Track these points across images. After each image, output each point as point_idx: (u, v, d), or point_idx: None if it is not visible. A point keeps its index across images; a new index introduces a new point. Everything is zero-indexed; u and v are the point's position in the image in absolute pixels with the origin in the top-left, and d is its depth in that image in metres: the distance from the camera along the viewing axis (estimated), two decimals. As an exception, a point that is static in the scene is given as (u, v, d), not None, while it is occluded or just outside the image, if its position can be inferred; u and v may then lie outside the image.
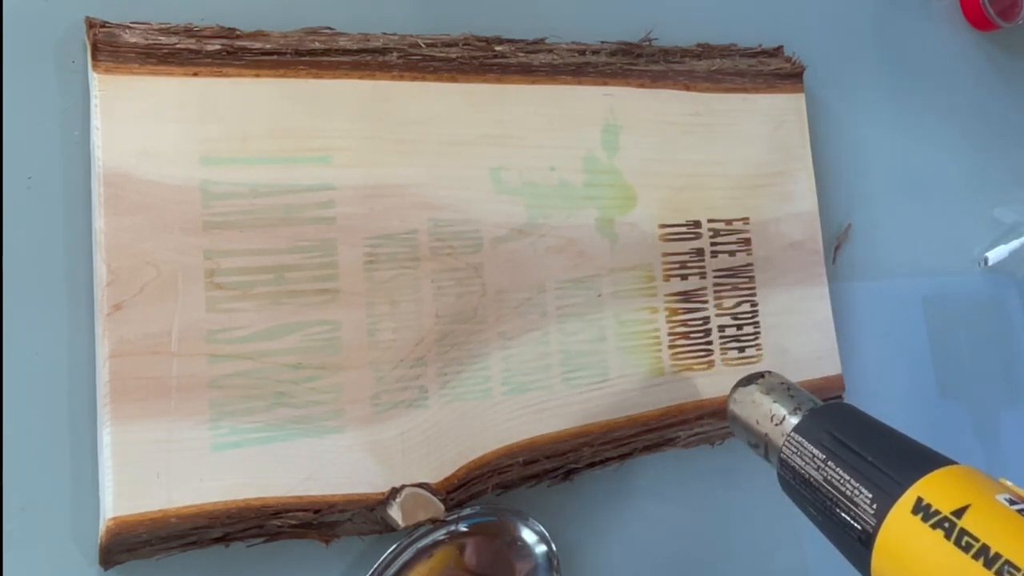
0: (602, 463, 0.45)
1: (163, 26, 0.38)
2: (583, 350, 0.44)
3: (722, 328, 0.49)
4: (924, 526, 0.29)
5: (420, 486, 0.39)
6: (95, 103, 0.36)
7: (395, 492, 0.38)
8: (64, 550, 0.35)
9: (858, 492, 0.31)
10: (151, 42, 0.37)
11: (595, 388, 0.44)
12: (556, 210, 0.45)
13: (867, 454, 0.32)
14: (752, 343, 0.49)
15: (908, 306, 0.59)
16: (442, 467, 0.40)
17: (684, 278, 0.48)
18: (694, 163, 0.49)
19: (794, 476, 0.35)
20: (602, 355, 0.45)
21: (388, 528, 0.39)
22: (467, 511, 0.41)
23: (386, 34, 0.42)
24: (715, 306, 0.49)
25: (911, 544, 0.29)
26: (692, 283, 0.48)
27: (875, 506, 0.31)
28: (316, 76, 0.40)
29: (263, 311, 0.38)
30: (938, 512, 0.29)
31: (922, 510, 0.29)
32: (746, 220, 0.50)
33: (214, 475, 0.36)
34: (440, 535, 0.40)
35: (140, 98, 0.37)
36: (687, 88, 0.49)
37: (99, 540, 0.35)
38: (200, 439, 0.36)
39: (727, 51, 0.52)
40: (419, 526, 0.39)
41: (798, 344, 0.51)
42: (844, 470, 0.32)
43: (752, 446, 0.39)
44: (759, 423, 0.38)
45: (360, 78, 0.41)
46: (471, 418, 0.41)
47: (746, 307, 0.50)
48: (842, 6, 0.59)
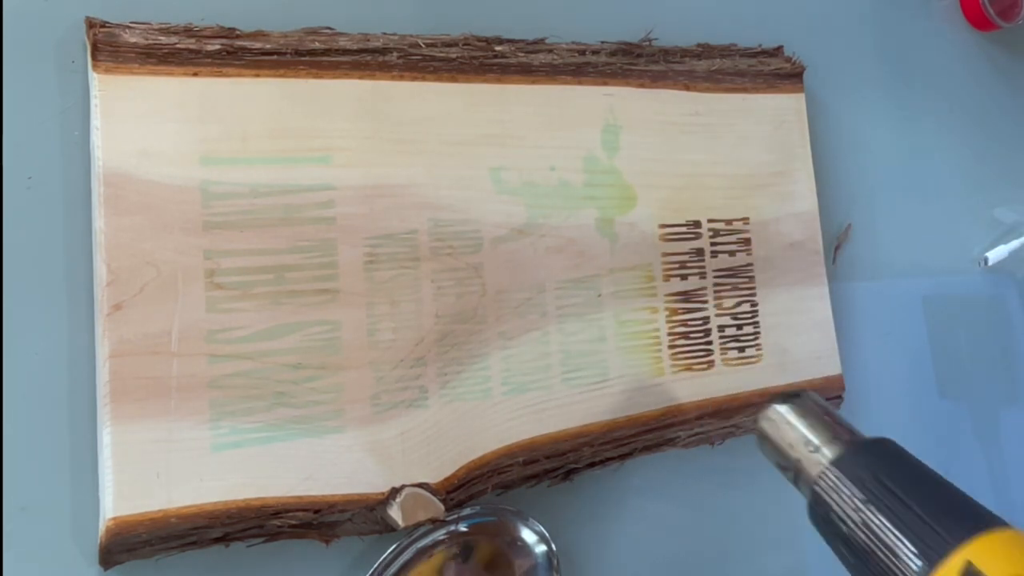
0: (602, 463, 0.45)
1: (163, 26, 0.38)
2: (583, 350, 0.44)
3: (722, 328, 0.49)
4: None
5: (420, 486, 0.39)
6: (95, 103, 0.36)
7: (395, 492, 0.38)
8: (64, 550, 0.35)
9: (900, 544, 0.30)
10: (151, 42, 0.37)
11: (595, 388, 0.44)
12: (556, 210, 0.45)
13: (913, 503, 0.30)
14: (752, 343, 0.49)
15: (908, 306, 0.59)
16: (442, 467, 0.40)
17: (684, 278, 0.48)
18: (694, 163, 0.49)
19: (828, 511, 0.33)
20: (602, 355, 0.45)
21: (388, 528, 0.39)
22: (467, 511, 0.41)
23: (386, 34, 0.42)
24: (715, 306, 0.49)
25: None
26: (692, 283, 0.48)
27: (920, 563, 0.29)
28: (316, 76, 0.40)
29: (263, 311, 0.38)
30: None
31: (971, 575, 0.28)
32: (746, 220, 0.50)
33: (214, 475, 0.36)
34: (440, 535, 0.40)
35: (140, 98, 0.37)
36: (687, 88, 0.49)
37: (99, 540, 0.35)
38: (200, 439, 0.36)
39: (727, 51, 0.52)
40: (419, 526, 0.39)
41: (798, 344, 0.51)
42: (887, 517, 0.31)
43: (781, 468, 0.37)
44: (792, 447, 0.36)
45: (360, 78, 0.41)
46: (471, 418, 0.41)
47: (746, 307, 0.50)
48: (842, 6, 0.59)
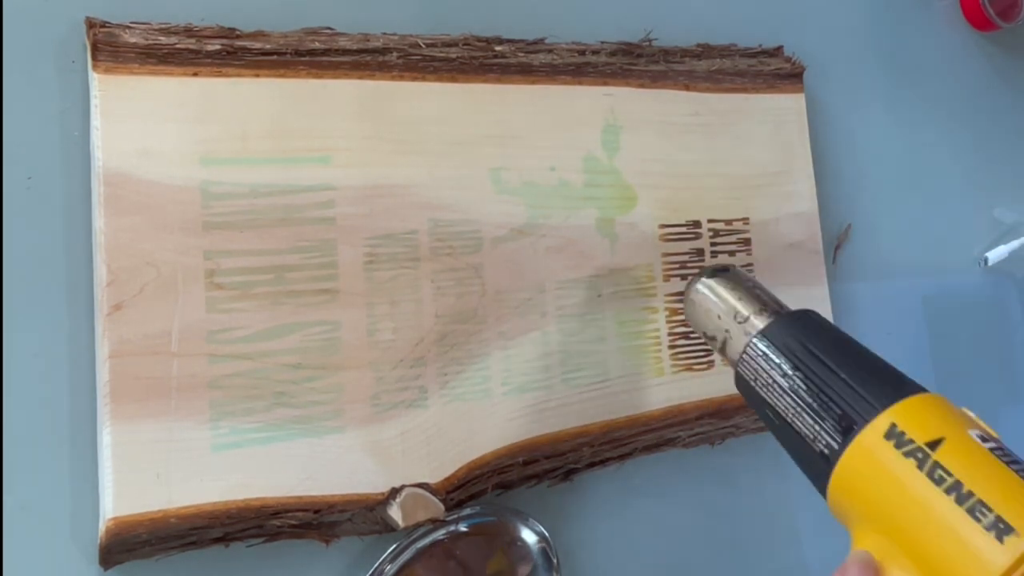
0: (602, 463, 0.45)
1: (163, 26, 0.38)
2: (583, 350, 0.44)
3: (722, 328, 0.49)
4: (897, 453, 0.29)
5: (420, 486, 0.39)
6: (95, 103, 0.36)
7: (395, 492, 0.38)
8: (64, 550, 0.35)
9: (827, 407, 0.31)
10: (151, 42, 0.37)
11: (595, 388, 0.44)
12: (556, 210, 0.45)
13: (839, 369, 0.32)
14: (752, 343, 0.49)
15: (908, 306, 0.59)
16: (442, 467, 0.40)
17: (684, 278, 0.48)
18: (694, 163, 0.49)
19: (756, 378, 0.35)
20: (602, 355, 0.45)
21: (388, 528, 0.39)
22: (467, 511, 0.41)
23: (386, 34, 0.42)
24: (715, 306, 0.49)
25: (880, 469, 0.29)
26: (692, 283, 0.48)
27: (844, 424, 0.30)
28: (316, 76, 0.40)
29: (263, 311, 0.38)
30: (912, 441, 0.29)
31: (895, 436, 0.29)
32: (746, 220, 0.50)
33: (214, 475, 0.36)
34: (440, 535, 0.40)
35: (140, 98, 0.37)
36: (687, 88, 0.49)
37: (99, 540, 0.35)
38: (200, 439, 0.36)
39: (727, 51, 0.52)
40: (419, 526, 0.39)
41: (798, 344, 0.51)
42: (814, 382, 0.32)
43: (708, 339, 0.38)
44: (720, 318, 0.37)
45: (360, 78, 0.41)
46: (471, 418, 0.41)
47: (746, 307, 0.50)
48: (842, 6, 0.59)
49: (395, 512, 0.38)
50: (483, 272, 0.42)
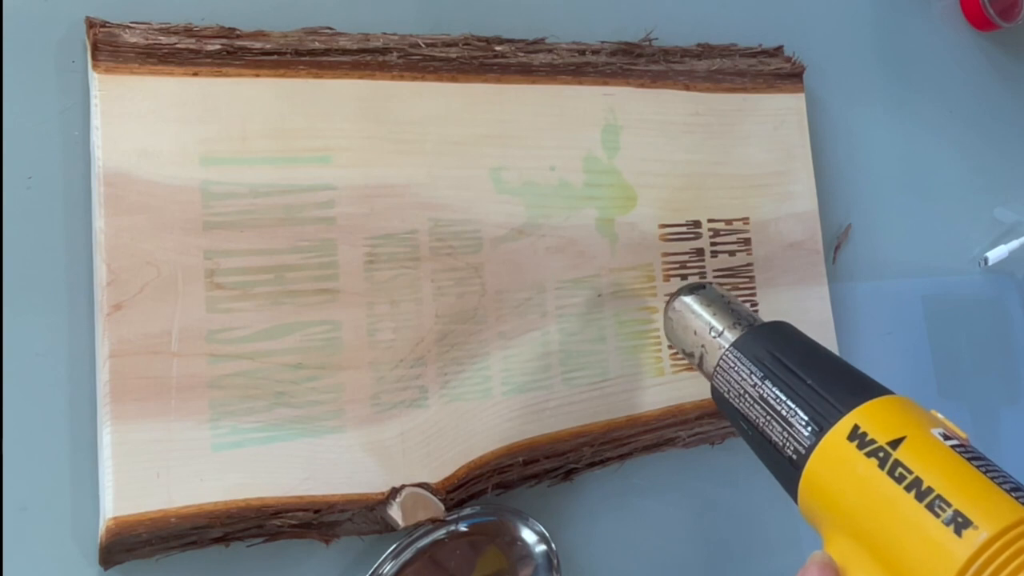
0: (602, 463, 0.45)
1: (163, 26, 0.38)
2: (583, 350, 0.44)
3: (722, 328, 0.49)
4: (859, 453, 0.29)
5: (420, 486, 0.39)
6: (95, 103, 0.36)
7: (395, 492, 0.38)
8: (64, 550, 0.35)
9: (794, 413, 0.32)
10: (151, 42, 0.37)
11: (595, 388, 0.44)
12: (556, 210, 0.45)
13: (807, 377, 0.33)
14: (752, 343, 0.49)
15: (908, 306, 0.59)
16: (442, 467, 0.40)
17: (684, 278, 0.48)
18: (694, 163, 0.49)
19: (729, 390, 0.35)
20: (602, 355, 0.45)
21: (388, 528, 0.39)
22: (467, 511, 0.41)
23: (386, 34, 0.42)
24: (715, 306, 0.49)
25: (844, 470, 0.29)
26: (692, 283, 0.48)
27: (810, 428, 0.31)
28: (316, 76, 0.40)
29: (263, 311, 0.38)
30: (874, 441, 0.29)
31: (858, 438, 0.29)
32: (746, 220, 0.50)
33: (214, 475, 0.36)
34: (440, 535, 0.40)
35: (140, 98, 0.37)
36: (687, 88, 0.49)
37: (99, 540, 0.35)
38: (200, 439, 0.36)
39: (727, 51, 0.52)
40: (419, 526, 0.39)
41: (798, 344, 0.51)
42: (781, 390, 0.33)
43: (687, 355, 0.39)
44: (697, 333, 0.38)
45: (360, 78, 0.41)
46: (471, 418, 0.41)
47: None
48: (842, 6, 0.59)
49: (395, 512, 0.38)
50: (483, 272, 0.42)
